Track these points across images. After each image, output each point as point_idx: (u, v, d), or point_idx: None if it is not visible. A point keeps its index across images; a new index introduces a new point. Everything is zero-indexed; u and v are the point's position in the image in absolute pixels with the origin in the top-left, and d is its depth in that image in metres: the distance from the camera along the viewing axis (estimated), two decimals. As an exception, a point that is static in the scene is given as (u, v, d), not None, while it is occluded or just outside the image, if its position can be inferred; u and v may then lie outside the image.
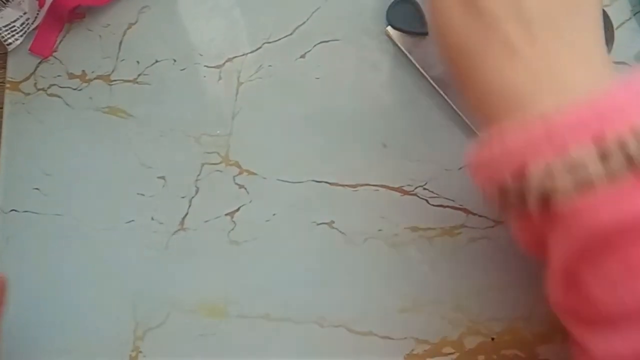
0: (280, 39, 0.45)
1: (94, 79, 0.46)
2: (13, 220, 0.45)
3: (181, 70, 0.46)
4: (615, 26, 0.41)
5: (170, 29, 0.46)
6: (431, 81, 0.44)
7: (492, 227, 0.42)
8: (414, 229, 0.43)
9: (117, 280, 0.43)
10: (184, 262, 0.43)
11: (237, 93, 0.45)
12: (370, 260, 0.43)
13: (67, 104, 0.46)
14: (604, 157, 0.23)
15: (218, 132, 0.45)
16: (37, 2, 0.45)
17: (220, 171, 0.44)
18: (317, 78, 0.45)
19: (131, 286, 0.43)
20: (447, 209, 0.43)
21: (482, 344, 0.41)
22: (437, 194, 0.43)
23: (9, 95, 0.46)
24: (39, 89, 0.46)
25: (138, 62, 0.46)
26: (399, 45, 0.44)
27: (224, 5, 0.46)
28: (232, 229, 0.44)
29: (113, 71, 0.46)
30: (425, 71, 0.44)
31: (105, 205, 0.44)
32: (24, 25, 0.46)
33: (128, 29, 0.46)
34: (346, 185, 0.44)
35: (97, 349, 0.43)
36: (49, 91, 0.46)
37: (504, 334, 0.41)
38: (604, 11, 0.41)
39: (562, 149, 0.24)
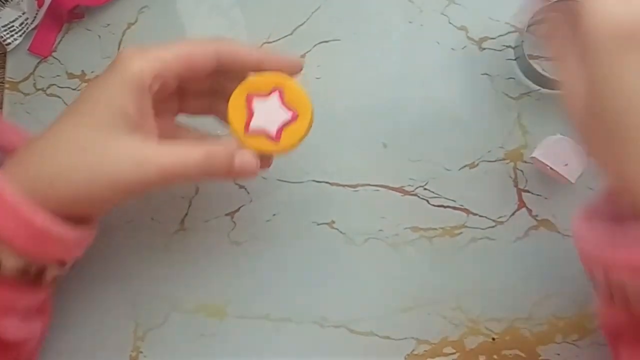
0: (280, 39, 0.45)
1: (94, 78, 0.46)
2: (12, 221, 0.44)
3: (181, 70, 0.46)
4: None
5: (170, 29, 0.46)
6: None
7: (493, 227, 0.42)
8: (415, 229, 0.43)
9: (117, 280, 0.43)
10: (184, 262, 0.43)
11: (237, 93, 0.45)
12: (371, 260, 0.43)
13: (66, 104, 0.46)
14: None
15: (218, 132, 0.45)
16: (36, 2, 0.45)
17: (220, 171, 0.44)
18: (317, 78, 0.45)
19: (131, 286, 0.43)
20: (447, 209, 0.43)
21: (482, 344, 0.41)
22: (437, 194, 0.43)
23: (8, 96, 0.46)
24: (38, 89, 0.46)
25: (138, 62, 0.46)
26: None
27: (224, 5, 0.46)
28: (232, 229, 0.43)
29: (112, 71, 0.46)
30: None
31: (105, 206, 0.44)
32: (23, 25, 0.46)
33: (127, 29, 0.46)
34: (346, 185, 0.43)
35: (98, 349, 0.43)
36: (48, 91, 0.46)
37: (505, 334, 0.41)
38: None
39: None
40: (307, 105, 0.35)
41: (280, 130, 0.34)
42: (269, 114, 0.34)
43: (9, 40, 0.45)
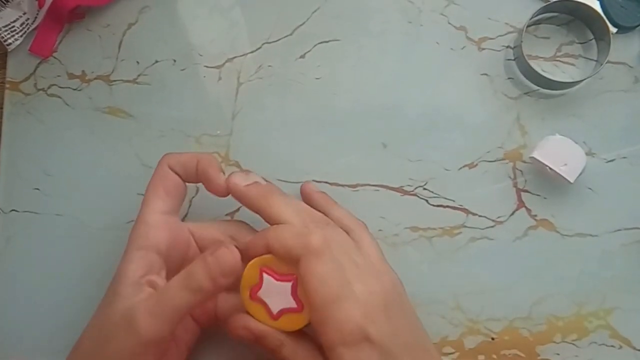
0: (280, 39, 0.45)
1: (94, 79, 0.46)
2: (13, 220, 0.45)
3: (181, 70, 0.46)
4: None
5: (170, 29, 0.46)
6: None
7: (492, 227, 0.42)
8: (414, 229, 0.43)
9: (117, 280, 0.43)
10: (184, 262, 0.43)
11: (237, 93, 0.45)
12: (370, 260, 0.43)
13: (67, 104, 0.46)
14: None
15: (218, 132, 0.45)
16: (37, 3, 0.45)
17: (220, 171, 0.44)
18: (317, 78, 0.45)
19: (131, 286, 0.43)
20: (447, 209, 0.43)
21: (482, 344, 0.41)
22: (437, 194, 0.43)
23: (9, 96, 0.46)
24: (39, 89, 0.46)
25: (138, 62, 0.46)
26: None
27: (224, 5, 0.46)
28: (232, 229, 0.43)
29: (113, 71, 0.46)
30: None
31: (105, 205, 0.44)
32: (23, 26, 0.46)
33: (128, 29, 0.46)
34: (346, 185, 0.44)
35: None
36: (49, 91, 0.46)
37: (504, 333, 0.41)
38: (600, 16, 0.41)
39: None
40: None
41: (281, 312, 0.35)
42: (277, 294, 0.34)
43: (9, 41, 0.46)
